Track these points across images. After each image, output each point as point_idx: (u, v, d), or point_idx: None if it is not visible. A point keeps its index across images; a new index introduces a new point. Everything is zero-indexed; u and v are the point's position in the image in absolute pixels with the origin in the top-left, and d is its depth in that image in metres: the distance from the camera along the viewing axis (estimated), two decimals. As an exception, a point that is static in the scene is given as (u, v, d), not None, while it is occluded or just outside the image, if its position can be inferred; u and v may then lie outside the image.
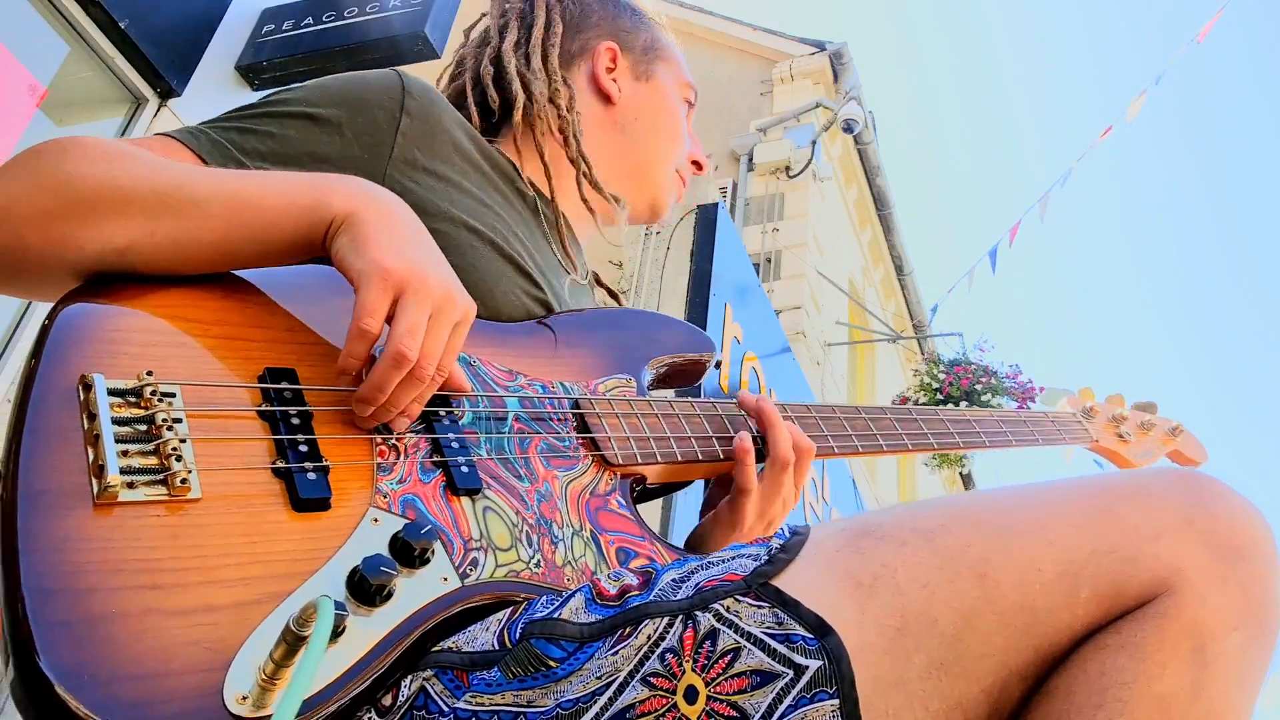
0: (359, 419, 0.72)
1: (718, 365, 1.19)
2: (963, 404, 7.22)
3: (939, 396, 7.37)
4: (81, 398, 0.63)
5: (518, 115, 1.09)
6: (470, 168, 1.00)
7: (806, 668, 0.57)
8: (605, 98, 1.17)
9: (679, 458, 0.93)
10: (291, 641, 0.57)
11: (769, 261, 8.11)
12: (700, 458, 0.94)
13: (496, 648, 0.65)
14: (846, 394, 9.06)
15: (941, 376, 7.43)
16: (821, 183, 8.65)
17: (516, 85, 1.11)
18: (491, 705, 0.62)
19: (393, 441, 0.74)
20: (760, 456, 0.97)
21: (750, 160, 8.50)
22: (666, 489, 0.98)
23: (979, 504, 0.66)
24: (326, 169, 0.88)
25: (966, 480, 11.81)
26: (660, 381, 1.06)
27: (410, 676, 0.65)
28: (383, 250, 0.71)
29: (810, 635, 0.58)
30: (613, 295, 1.26)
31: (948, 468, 7.66)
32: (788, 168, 8.39)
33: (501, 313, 0.94)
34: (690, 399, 1.00)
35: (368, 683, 0.62)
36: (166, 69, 3.65)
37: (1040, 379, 7.35)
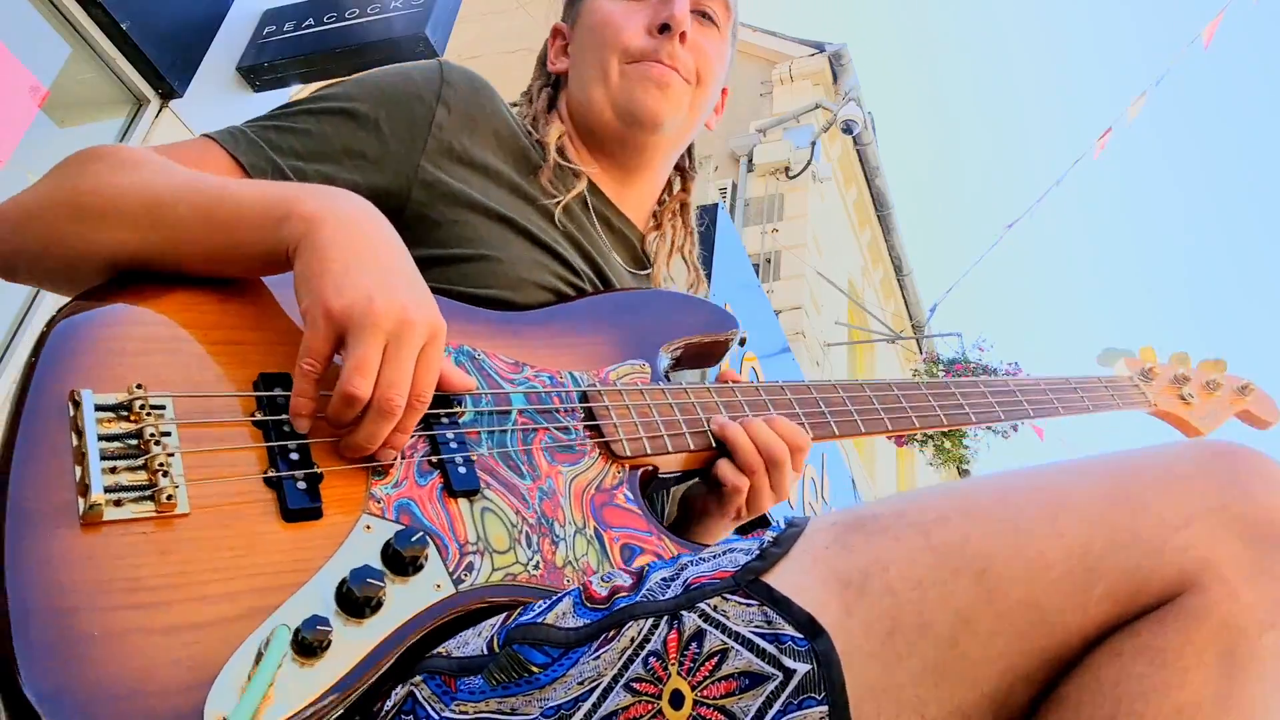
0: (349, 460, 0.70)
1: (743, 342, 1.13)
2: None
3: (938, 396, 7.36)
4: (71, 413, 0.62)
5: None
6: (511, 156, 1.00)
7: (795, 671, 0.54)
8: (561, 71, 1.14)
9: (691, 446, 0.89)
10: (256, 661, 0.56)
11: (768, 262, 8.11)
12: (714, 445, 0.90)
13: (485, 653, 0.64)
14: (846, 394, 9.04)
15: (941, 375, 7.44)
16: (821, 183, 8.66)
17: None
18: (476, 713, 0.61)
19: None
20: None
21: (750, 161, 8.50)
22: (686, 476, 0.94)
23: (985, 492, 0.60)
24: (363, 164, 0.90)
25: (965, 478, 11.80)
26: (682, 363, 1.02)
27: (400, 683, 0.64)
28: (329, 282, 0.69)
29: (800, 636, 0.55)
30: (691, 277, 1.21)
31: (950, 464, 7.66)
32: (787, 168, 8.40)
33: (531, 300, 0.93)
34: (708, 384, 0.96)
35: (358, 693, 0.61)
36: (168, 70, 3.66)
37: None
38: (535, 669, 0.61)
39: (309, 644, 0.59)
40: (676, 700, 0.56)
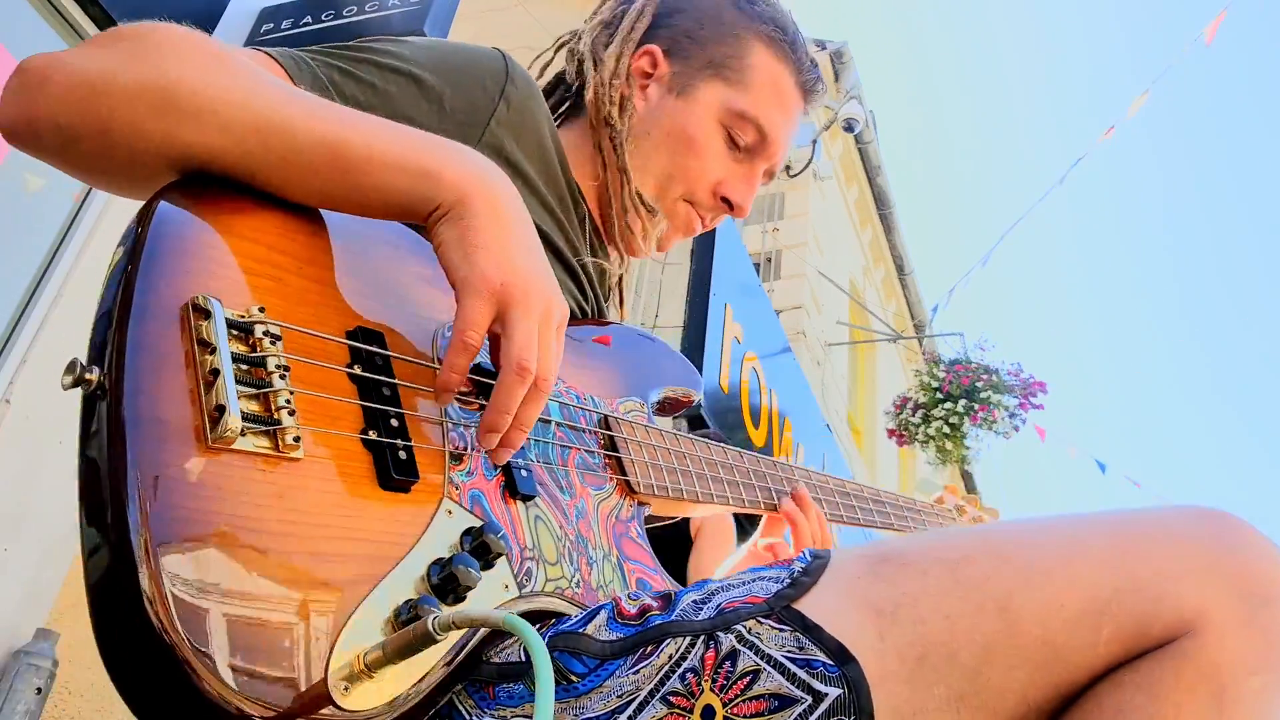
0: (485, 447, 0.69)
1: (697, 406, 1.36)
2: (962, 401, 7.21)
3: (939, 395, 7.36)
4: (191, 321, 0.56)
5: (588, 97, 1.08)
6: (545, 167, 0.98)
7: (825, 695, 0.57)
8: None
9: (685, 495, 0.93)
10: (420, 641, 0.53)
11: (769, 261, 8.09)
12: (700, 499, 0.96)
13: (524, 660, 0.65)
14: (847, 394, 9.04)
15: (942, 375, 7.42)
16: (822, 182, 8.64)
17: (588, 65, 1.09)
18: (513, 717, 0.62)
19: (460, 429, 0.70)
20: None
21: (750, 160, 8.48)
22: (654, 524, 0.99)
23: (1003, 536, 0.64)
24: None
25: (967, 479, 11.79)
26: (655, 410, 1.05)
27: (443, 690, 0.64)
28: (489, 256, 0.67)
29: (831, 662, 0.58)
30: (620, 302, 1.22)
31: (950, 465, 7.65)
32: (788, 167, 8.37)
33: None
34: (691, 436, 1.01)
35: (430, 688, 0.59)
36: (165, 68, 3.65)
37: (1041, 377, 7.34)
38: (574, 678, 0.62)
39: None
40: (708, 714, 0.59)
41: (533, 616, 0.69)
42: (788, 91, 1.09)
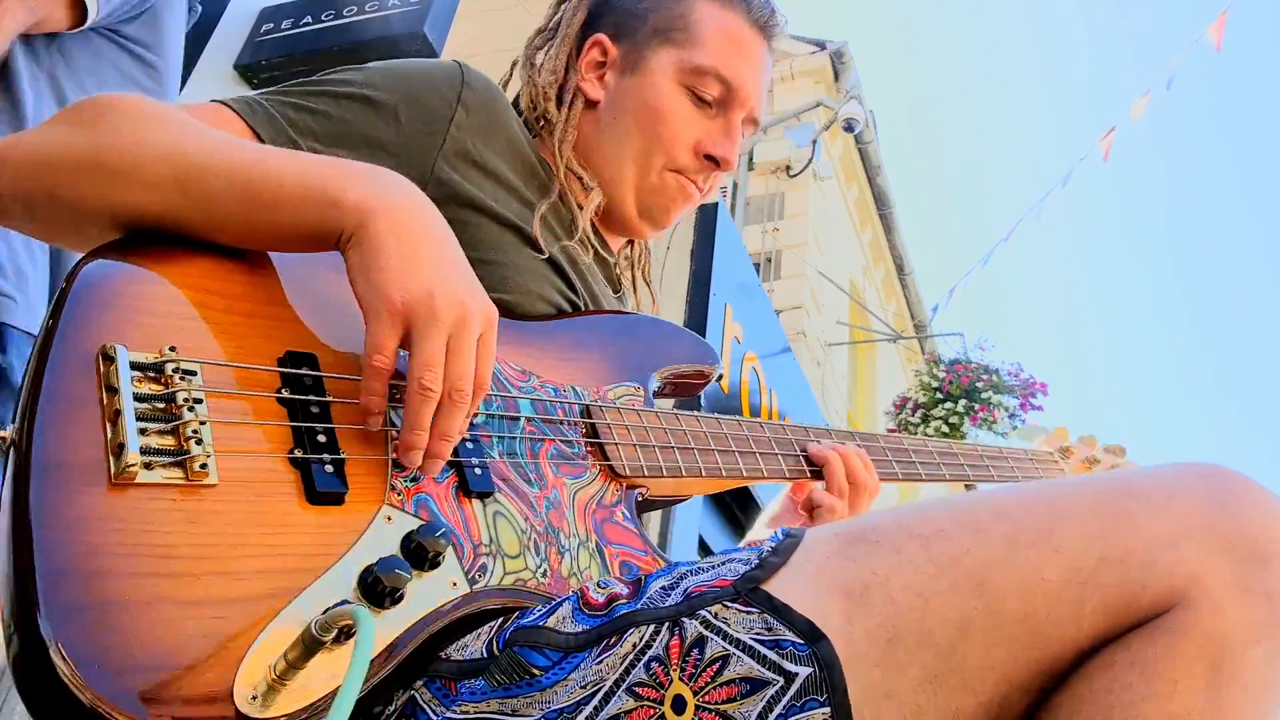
0: (410, 465, 0.69)
1: (719, 379, 1.36)
2: (962, 401, 7.21)
3: (939, 395, 7.36)
4: (101, 368, 0.60)
5: (524, 103, 1.10)
6: (519, 164, 0.99)
7: (796, 674, 0.56)
8: (590, 98, 1.09)
9: (684, 472, 0.92)
10: (310, 644, 0.55)
11: (769, 261, 8.09)
12: (705, 473, 0.94)
13: (484, 656, 0.64)
14: (847, 394, 9.04)
15: (941, 375, 7.42)
16: (822, 182, 8.64)
17: (519, 73, 1.12)
18: (477, 713, 0.61)
19: None
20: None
21: (750, 159, 8.48)
22: (661, 504, 0.98)
23: (982, 506, 0.62)
24: (380, 154, 0.88)
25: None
26: (662, 391, 1.04)
27: (401, 687, 0.64)
28: (389, 276, 0.68)
29: (800, 641, 0.57)
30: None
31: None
32: (788, 167, 8.37)
33: (535, 311, 0.94)
34: (695, 413, 0.99)
35: (370, 685, 0.60)
36: (165, 68, 3.64)
37: (1042, 377, 7.34)
38: (536, 671, 0.62)
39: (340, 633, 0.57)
40: (679, 705, 0.57)
41: (496, 610, 0.69)
42: (742, 35, 1.07)
